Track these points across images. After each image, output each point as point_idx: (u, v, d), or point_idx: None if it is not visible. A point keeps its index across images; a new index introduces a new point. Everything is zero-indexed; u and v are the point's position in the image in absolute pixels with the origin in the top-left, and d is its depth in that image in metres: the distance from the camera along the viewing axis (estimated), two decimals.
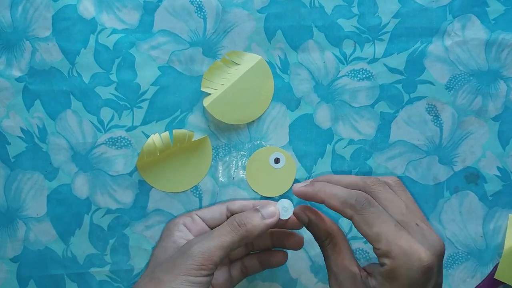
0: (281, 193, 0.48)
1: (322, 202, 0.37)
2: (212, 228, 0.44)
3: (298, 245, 0.44)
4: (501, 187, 0.48)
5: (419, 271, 0.34)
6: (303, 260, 0.48)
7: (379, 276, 0.35)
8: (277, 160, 0.47)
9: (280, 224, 0.41)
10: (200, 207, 0.48)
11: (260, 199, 0.48)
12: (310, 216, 0.40)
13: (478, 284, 0.48)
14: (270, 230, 0.41)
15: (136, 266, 0.48)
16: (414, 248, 0.34)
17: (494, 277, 0.47)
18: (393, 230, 0.34)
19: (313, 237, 0.41)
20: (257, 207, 0.40)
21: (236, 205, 0.45)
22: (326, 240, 0.39)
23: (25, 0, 0.47)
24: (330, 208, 0.37)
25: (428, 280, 0.34)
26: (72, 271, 0.48)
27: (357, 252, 0.48)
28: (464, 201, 0.48)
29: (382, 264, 0.35)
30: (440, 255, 0.35)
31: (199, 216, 0.44)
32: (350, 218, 0.36)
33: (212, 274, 0.37)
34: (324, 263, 0.40)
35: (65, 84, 0.48)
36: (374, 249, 0.35)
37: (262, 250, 0.46)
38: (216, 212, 0.45)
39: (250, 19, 0.48)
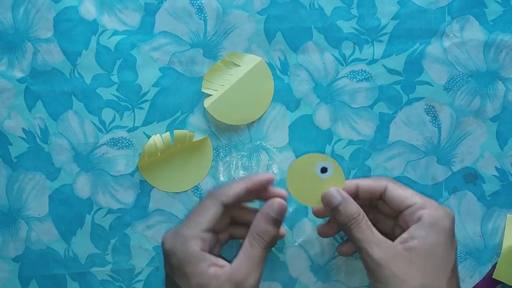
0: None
1: (356, 186, 0.43)
2: (216, 231, 0.43)
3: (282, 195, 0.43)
4: (499, 187, 0.48)
5: (450, 220, 0.40)
6: (303, 260, 0.48)
7: (421, 230, 0.39)
8: (324, 170, 0.42)
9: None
10: None
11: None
12: (343, 194, 0.41)
13: (477, 284, 0.48)
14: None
15: (137, 266, 0.48)
16: (441, 205, 0.41)
17: (493, 276, 0.47)
18: (421, 195, 0.41)
19: (311, 237, 0.41)
20: (268, 211, 0.41)
21: (230, 198, 0.42)
22: (359, 216, 0.40)
23: (27, 2, 0.48)
24: (362, 193, 0.42)
25: (454, 232, 0.40)
26: (73, 270, 0.48)
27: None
28: (463, 201, 0.48)
29: (419, 218, 0.39)
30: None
31: (205, 231, 0.41)
32: (383, 189, 0.42)
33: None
34: (355, 241, 0.40)
35: (66, 85, 0.48)
36: (409, 207, 0.40)
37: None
38: (216, 216, 0.41)
39: (250, 21, 0.48)
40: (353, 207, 0.40)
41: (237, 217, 0.45)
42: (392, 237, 0.41)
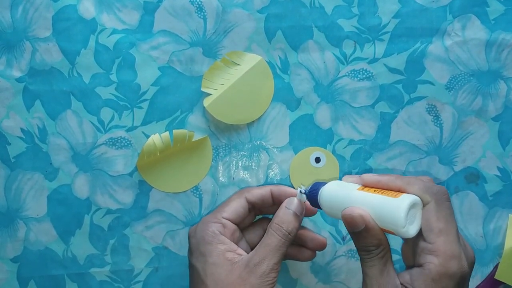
0: None
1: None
2: (239, 225, 0.44)
3: (321, 246, 0.45)
4: (501, 187, 0.48)
5: (461, 277, 0.34)
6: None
7: (420, 282, 0.34)
8: (317, 160, 0.47)
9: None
10: (201, 208, 0.48)
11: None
12: (368, 222, 0.36)
13: (479, 284, 0.48)
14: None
15: (136, 266, 0.48)
16: (462, 255, 0.34)
17: (495, 277, 0.47)
18: (453, 233, 0.35)
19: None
20: (287, 206, 0.41)
21: (255, 196, 0.44)
22: (377, 250, 0.36)
23: (25, 1, 0.47)
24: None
25: (466, 281, 0.35)
26: (72, 271, 0.48)
27: None
28: (465, 201, 0.48)
29: (424, 263, 0.34)
30: (473, 264, 0.36)
31: (226, 218, 0.43)
32: (424, 205, 0.36)
33: None
34: (363, 272, 0.37)
35: (65, 84, 0.48)
36: (423, 242, 0.35)
37: None
38: (239, 208, 0.44)
39: (250, 19, 0.48)
40: (373, 240, 0.36)
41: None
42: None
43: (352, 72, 0.48)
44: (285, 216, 0.41)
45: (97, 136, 0.48)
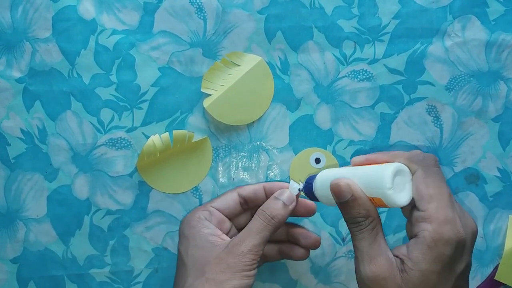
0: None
1: (384, 161, 0.37)
2: (229, 217, 0.45)
3: (315, 244, 0.45)
4: (501, 188, 0.48)
5: (456, 244, 0.33)
6: (303, 261, 0.48)
7: (417, 251, 0.34)
8: (317, 160, 0.47)
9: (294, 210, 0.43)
10: None
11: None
12: (355, 191, 0.36)
13: (479, 285, 0.48)
14: (286, 224, 0.45)
15: (136, 267, 0.48)
16: (456, 220, 0.34)
17: (495, 278, 0.47)
18: (445, 198, 0.34)
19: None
20: (276, 195, 0.42)
21: (246, 190, 0.45)
22: (365, 221, 0.36)
23: (25, 1, 0.47)
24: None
25: (462, 255, 0.34)
26: (72, 272, 0.48)
27: None
28: (465, 202, 0.48)
29: (419, 232, 0.34)
30: (474, 234, 0.35)
31: (215, 208, 0.44)
32: (413, 173, 0.35)
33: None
34: (353, 246, 0.37)
35: (65, 85, 0.48)
36: (417, 211, 0.34)
37: (279, 241, 0.46)
38: (229, 200, 0.45)
39: (250, 20, 0.48)
40: (361, 210, 0.36)
41: None
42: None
43: (352, 73, 0.48)
44: (271, 203, 0.41)
45: (97, 137, 0.48)
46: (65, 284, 0.48)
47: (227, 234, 0.44)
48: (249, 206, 0.45)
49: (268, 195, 0.44)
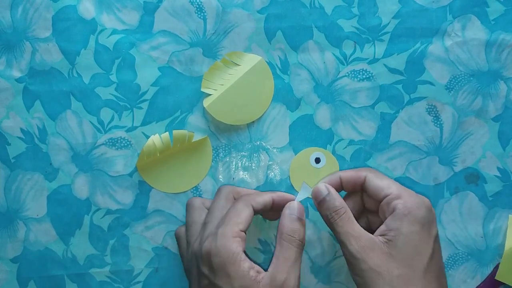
0: None
1: (339, 178, 0.43)
2: None
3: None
4: (501, 188, 0.48)
5: (425, 208, 0.40)
6: (303, 261, 0.48)
7: (396, 221, 0.39)
8: (317, 160, 0.48)
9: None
10: None
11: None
12: (330, 187, 0.42)
13: (479, 285, 0.48)
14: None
15: (136, 267, 0.48)
16: (417, 194, 0.41)
17: (495, 278, 0.47)
18: (398, 184, 0.42)
19: (312, 238, 0.41)
20: (292, 213, 0.42)
21: (260, 204, 0.43)
22: (342, 208, 0.41)
23: (25, 1, 0.47)
24: (345, 184, 0.43)
25: (433, 220, 0.40)
26: (72, 271, 0.48)
27: None
28: (464, 202, 0.48)
29: (393, 209, 0.40)
30: (431, 207, 0.41)
31: (243, 231, 0.41)
32: (363, 179, 0.42)
33: None
34: (336, 234, 0.41)
35: (65, 84, 0.48)
36: (386, 197, 0.40)
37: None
38: (249, 218, 0.41)
39: (250, 20, 0.48)
40: (336, 202, 0.41)
41: None
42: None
43: (352, 73, 0.48)
44: (292, 224, 0.41)
45: (97, 137, 0.48)
46: (65, 283, 0.48)
47: None
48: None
49: (275, 207, 0.43)
